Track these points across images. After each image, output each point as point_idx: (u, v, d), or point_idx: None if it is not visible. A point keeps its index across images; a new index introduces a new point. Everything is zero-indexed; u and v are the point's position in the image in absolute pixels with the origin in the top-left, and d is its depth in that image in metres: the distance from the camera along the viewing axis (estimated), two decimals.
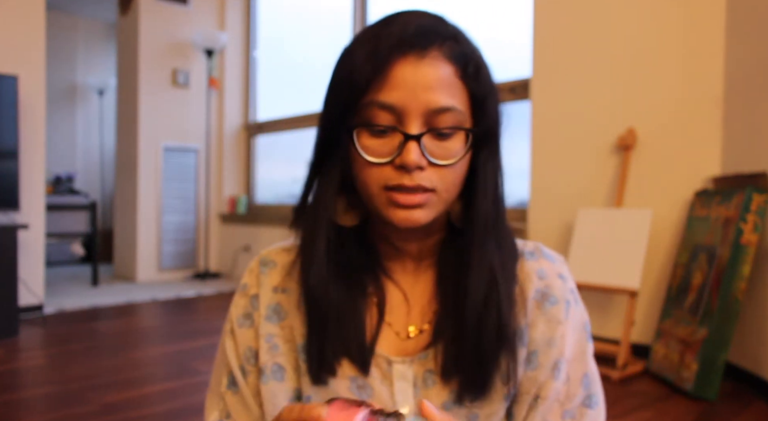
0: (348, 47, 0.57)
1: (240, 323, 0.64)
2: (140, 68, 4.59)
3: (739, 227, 2.15)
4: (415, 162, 0.52)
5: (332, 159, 0.58)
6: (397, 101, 0.53)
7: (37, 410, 2.01)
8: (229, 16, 5.08)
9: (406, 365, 0.60)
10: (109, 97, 6.25)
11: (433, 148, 0.54)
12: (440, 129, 0.54)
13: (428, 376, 0.59)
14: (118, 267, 4.92)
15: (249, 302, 0.64)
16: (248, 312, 0.63)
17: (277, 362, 0.61)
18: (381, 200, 0.55)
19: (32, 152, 3.41)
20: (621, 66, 2.74)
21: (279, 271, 0.64)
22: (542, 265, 0.64)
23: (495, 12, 3.61)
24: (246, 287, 0.65)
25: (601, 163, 2.81)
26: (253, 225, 4.78)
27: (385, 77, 0.53)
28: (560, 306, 0.62)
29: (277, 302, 0.63)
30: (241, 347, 0.63)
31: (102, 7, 5.88)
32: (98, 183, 6.37)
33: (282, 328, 0.62)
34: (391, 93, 0.53)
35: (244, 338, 0.63)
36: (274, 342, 0.61)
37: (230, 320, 0.65)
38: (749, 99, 2.32)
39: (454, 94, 0.54)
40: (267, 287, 0.63)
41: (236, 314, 0.64)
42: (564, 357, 0.61)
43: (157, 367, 2.55)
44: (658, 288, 2.61)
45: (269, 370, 0.61)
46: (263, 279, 0.64)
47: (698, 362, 2.13)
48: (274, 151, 5.13)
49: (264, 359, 0.61)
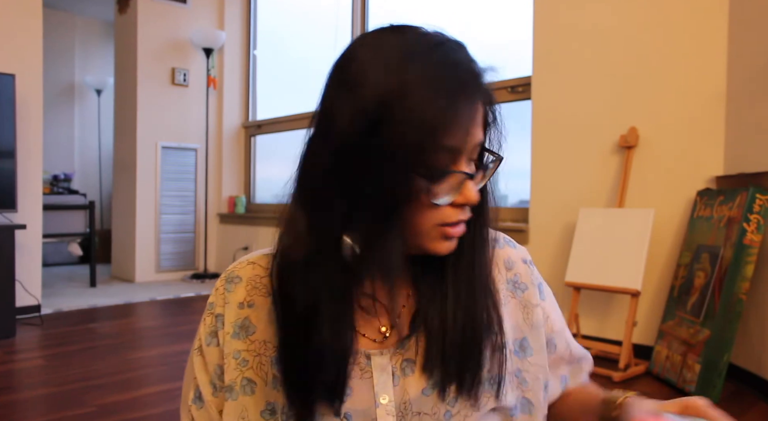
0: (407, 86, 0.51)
1: (207, 341, 0.64)
2: (138, 67, 4.57)
3: (742, 227, 2.13)
4: (477, 199, 0.56)
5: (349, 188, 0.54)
6: (457, 143, 0.54)
7: (35, 412, 1.99)
8: (228, 14, 5.06)
9: (384, 356, 0.61)
10: (107, 96, 6.22)
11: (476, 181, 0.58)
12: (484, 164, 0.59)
13: (406, 365, 0.61)
14: (116, 267, 4.90)
15: (214, 320, 0.64)
16: (214, 330, 0.64)
17: (246, 376, 0.61)
18: (432, 236, 0.57)
19: (29, 152, 3.39)
20: (623, 65, 2.73)
21: (244, 285, 0.64)
22: (508, 253, 0.68)
23: (496, 10, 3.60)
24: (212, 306, 0.65)
25: (603, 163, 2.80)
26: (252, 225, 4.77)
27: (452, 121, 0.52)
28: (531, 291, 0.67)
29: (244, 317, 0.63)
30: (210, 365, 0.64)
31: (100, 6, 5.86)
32: (96, 183, 6.35)
33: (251, 342, 0.62)
34: (455, 136, 0.53)
35: (212, 357, 0.64)
36: (243, 357, 0.62)
37: (199, 338, 0.66)
38: (752, 98, 2.30)
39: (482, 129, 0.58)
40: (232, 304, 0.64)
41: (204, 332, 0.65)
42: (554, 333, 0.69)
43: (155, 368, 2.53)
44: (661, 289, 2.60)
45: (238, 385, 0.61)
46: (228, 297, 0.64)
47: (701, 363, 2.11)
48: (273, 150, 5.11)
49: (233, 376, 0.62)
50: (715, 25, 2.48)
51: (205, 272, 4.85)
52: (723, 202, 2.28)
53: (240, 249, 4.84)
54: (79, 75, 6.27)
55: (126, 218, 4.73)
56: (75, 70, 6.26)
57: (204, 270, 4.89)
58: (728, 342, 2.12)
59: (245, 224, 4.84)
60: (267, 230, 4.59)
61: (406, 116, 0.50)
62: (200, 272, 4.88)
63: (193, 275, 4.81)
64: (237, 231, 4.91)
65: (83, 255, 4.93)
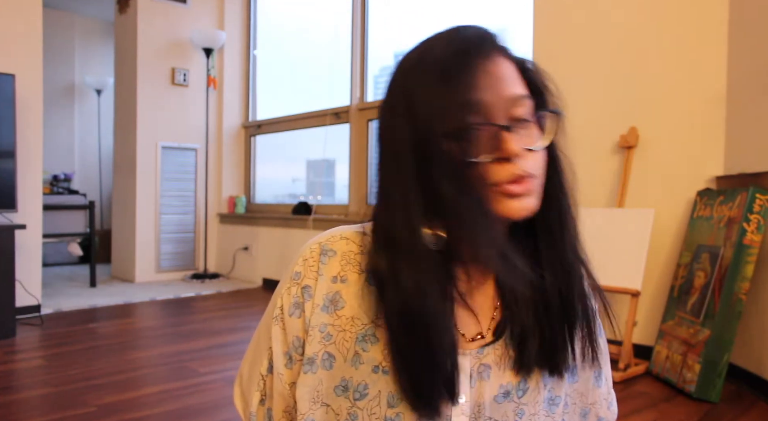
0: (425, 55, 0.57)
1: (291, 312, 0.63)
2: (138, 67, 4.57)
3: (742, 227, 2.14)
4: (517, 150, 0.54)
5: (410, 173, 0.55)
6: (483, 97, 0.54)
7: (35, 412, 1.99)
8: (228, 14, 5.06)
9: (465, 357, 0.61)
10: (107, 96, 6.22)
11: (521, 136, 0.56)
12: (523, 116, 0.56)
13: (483, 369, 0.62)
14: (116, 267, 4.90)
15: (301, 291, 0.63)
16: (299, 301, 0.63)
17: (327, 350, 0.61)
18: (497, 199, 0.55)
19: (29, 152, 3.39)
20: (623, 65, 2.73)
21: (338, 260, 0.63)
22: None
23: (495, 8, 3.59)
24: (299, 276, 0.64)
25: (603, 163, 2.80)
26: (252, 225, 4.76)
27: (471, 78, 0.54)
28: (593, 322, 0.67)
29: (336, 292, 0.62)
30: (290, 335, 0.63)
31: (100, 6, 5.86)
32: (96, 183, 6.35)
33: (338, 317, 0.62)
34: (478, 90, 0.54)
35: (293, 327, 0.63)
36: (328, 332, 0.62)
37: (279, 307, 0.64)
38: (752, 98, 2.30)
39: (521, 85, 0.58)
40: (326, 277, 0.62)
41: (288, 302, 0.64)
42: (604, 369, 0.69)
43: (155, 368, 2.53)
44: (661, 289, 2.60)
45: (319, 359, 0.61)
46: (322, 268, 0.63)
47: (701, 363, 2.11)
48: (273, 150, 5.11)
49: (316, 349, 0.61)
50: (715, 25, 2.48)
51: (205, 272, 4.85)
52: (723, 203, 2.28)
53: (240, 249, 4.84)
54: (79, 75, 6.27)
55: (126, 218, 4.73)
56: (75, 70, 6.25)
57: (204, 270, 4.89)
58: (728, 342, 2.12)
59: (245, 224, 4.84)
60: (267, 230, 4.60)
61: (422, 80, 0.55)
62: (200, 272, 4.87)
63: (193, 275, 4.81)
64: (237, 231, 4.91)
65: (83, 255, 4.92)
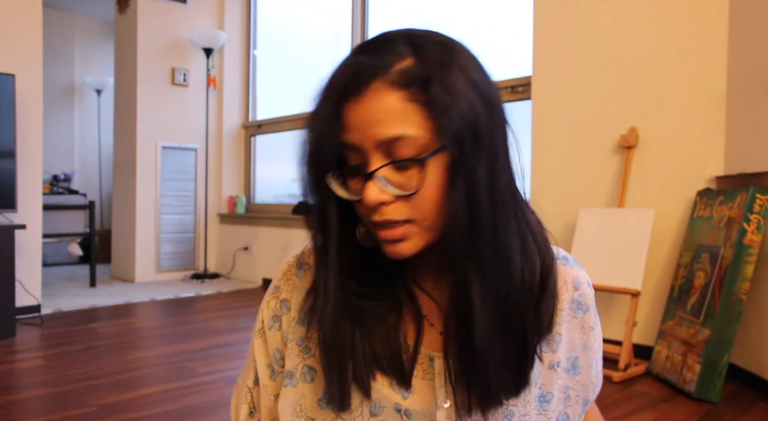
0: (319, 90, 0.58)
1: (270, 324, 0.65)
2: (138, 67, 4.57)
3: (742, 227, 2.13)
4: (374, 200, 0.52)
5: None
6: (355, 141, 0.53)
7: (35, 412, 1.99)
8: (228, 14, 5.06)
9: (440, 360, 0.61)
10: (107, 96, 6.22)
11: (396, 179, 0.53)
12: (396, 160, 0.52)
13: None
14: (116, 267, 4.89)
15: (279, 305, 0.65)
16: (277, 315, 0.65)
17: (307, 364, 0.62)
18: (375, 234, 0.56)
19: (29, 152, 3.39)
20: (623, 64, 2.73)
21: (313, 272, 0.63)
22: (576, 273, 0.67)
23: (496, 10, 3.59)
24: (278, 290, 0.66)
25: (603, 163, 2.80)
26: (252, 225, 4.76)
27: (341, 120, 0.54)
28: (591, 313, 0.68)
29: (311, 305, 0.62)
30: (271, 348, 0.65)
31: (100, 6, 5.86)
32: (96, 183, 6.35)
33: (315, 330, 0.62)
34: (348, 134, 0.53)
35: (273, 340, 0.65)
36: (305, 345, 0.62)
37: (261, 320, 0.66)
38: (752, 98, 2.30)
39: (404, 120, 0.51)
40: (301, 290, 0.64)
41: (267, 315, 0.66)
42: (597, 356, 0.71)
43: (155, 368, 2.53)
44: (661, 289, 2.60)
45: (299, 372, 0.62)
46: (297, 282, 0.65)
47: (701, 363, 2.11)
48: (273, 150, 5.11)
49: (295, 362, 0.62)
50: (715, 25, 2.48)
51: (205, 272, 4.85)
52: (723, 203, 2.28)
53: (240, 249, 4.84)
54: (79, 75, 6.27)
55: (126, 218, 4.73)
56: (75, 70, 6.26)
57: (204, 270, 4.89)
58: (728, 342, 2.12)
59: (245, 224, 4.84)
60: (267, 230, 4.60)
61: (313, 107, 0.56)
62: (200, 272, 4.87)
63: (193, 275, 4.81)
64: (237, 231, 4.91)
65: (83, 255, 4.92)
